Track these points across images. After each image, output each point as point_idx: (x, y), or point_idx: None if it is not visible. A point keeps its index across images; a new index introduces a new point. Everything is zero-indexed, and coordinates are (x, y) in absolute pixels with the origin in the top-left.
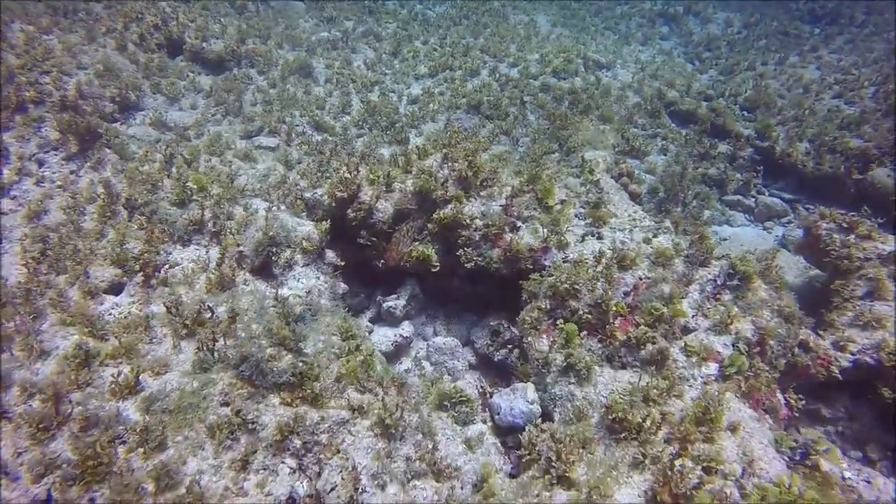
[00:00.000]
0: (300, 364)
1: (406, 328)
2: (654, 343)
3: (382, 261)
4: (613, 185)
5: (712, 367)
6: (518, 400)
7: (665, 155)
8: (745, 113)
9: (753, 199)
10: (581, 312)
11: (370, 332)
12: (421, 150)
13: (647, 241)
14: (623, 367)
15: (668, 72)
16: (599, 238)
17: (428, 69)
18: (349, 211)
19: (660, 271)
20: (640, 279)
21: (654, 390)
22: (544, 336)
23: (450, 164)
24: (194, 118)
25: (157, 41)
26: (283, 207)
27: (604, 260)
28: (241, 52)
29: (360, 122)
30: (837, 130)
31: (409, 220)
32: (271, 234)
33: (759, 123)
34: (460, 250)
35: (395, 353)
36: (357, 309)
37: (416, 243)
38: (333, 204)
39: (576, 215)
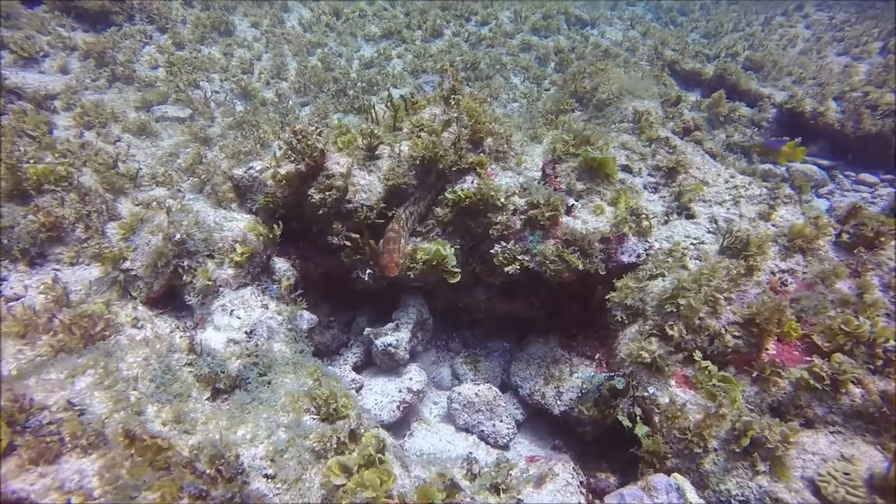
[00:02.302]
0: None
1: (415, 377)
2: (858, 382)
3: (370, 270)
4: (682, 143)
5: None
6: None
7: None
8: (752, 73)
9: (785, 168)
10: (727, 337)
11: (358, 390)
12: (409, 102)
13: (764, 216)
14: (808, 424)
15: (657, 31)
16: (690, 217)
17: (380, 29)
18: (312, 192)
19: (815, 263)
20: (773, 275)
21: None
22: (675, 385)
23: (458, 115)
24: (64, 83)
25: None
26: (200, 197)
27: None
28: (134, 3)
29: (302, 89)
30: (865, 85)
31: (410, 204)
32: (180, 237)
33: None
34: (496, 246)
35: (402, 418)
36: (329, 349)
37: (418, 239)
38: (283, 184)
39: (644, 186)
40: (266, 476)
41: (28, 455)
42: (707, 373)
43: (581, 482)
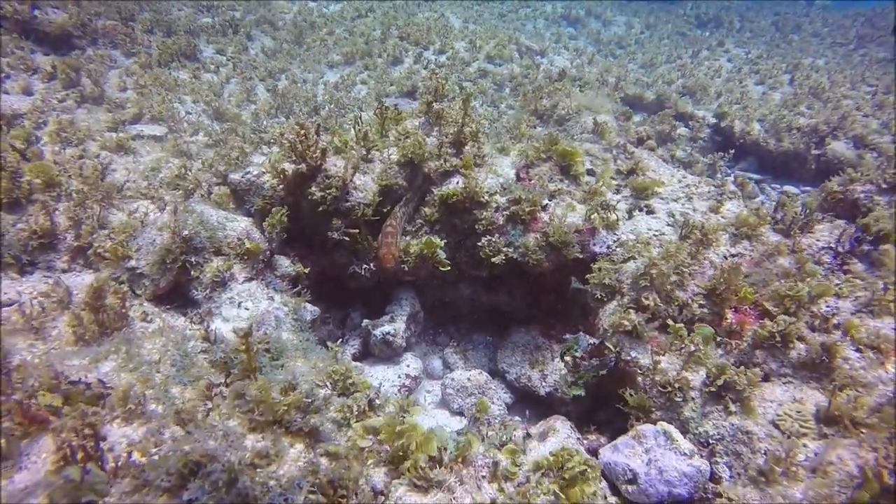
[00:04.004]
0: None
1: (412, 363)
2: (801, 339)
3: (366, 265)
4: (639, 150)
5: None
6: (665, 454)
7: None
8: (687, 98)
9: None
10: (693, 306)
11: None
12: (392, 113)
13: (714, 210)
14: (766, 378)
15: (600, 61)
16: (651, 212)
17: (342, 56)
18: (313, 189)
19: (757, 246)
20: (725, 259)
21: (859, 412)
22: (650, 348)
23: (440, 125)
24: (30, 104)
25: None
26: (199, 201)
27: (694, 233)
28: (97, 27)
29: (273, 111)
30: (782, 110)
31: (403, 204)
32: (186, 233)
33: (718, 109)
34: (482, 239)
35: None
36: (325, 344)
37: (408, 238)
38: (280, 186)
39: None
40: None
41: (73, 423)
42: (679, 335)
43: (578, 438)
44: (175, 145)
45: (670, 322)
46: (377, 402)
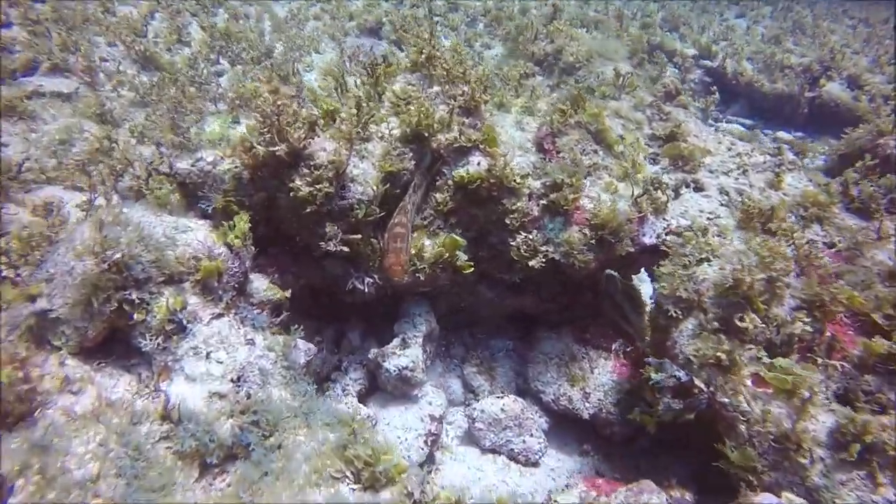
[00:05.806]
0: None
1: (434, 400)
2: None
3: (368, 279)
4: (674, 108)
5: None
6: None
7: None
8: (673, 33)
9: (713, 128)
10: (796, 324)
11: (373, 426)
12: (384, 67)
13: (773, 185)
14: (883, 410)
15: None
16: (699, 189)
17: None
18: (298, 182)
19: (830, 230)
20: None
21: None
22: (753, 386)
23: (444, 83)
24: None
25: None
26: (134, 203)
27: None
28: None
29: (213, 56)
30: (772, 45)
31: (412, 192)
32: (119, 257)
33: (696, 42)
34: (516, 238)
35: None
36: (321, 376)
37: (415, 234)
38: (247, 175)
39: (643, 157)
40: None
41: None
42: (780, 368)
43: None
44: (90, 105)
45: (760, 353)
46: (425, 498)
